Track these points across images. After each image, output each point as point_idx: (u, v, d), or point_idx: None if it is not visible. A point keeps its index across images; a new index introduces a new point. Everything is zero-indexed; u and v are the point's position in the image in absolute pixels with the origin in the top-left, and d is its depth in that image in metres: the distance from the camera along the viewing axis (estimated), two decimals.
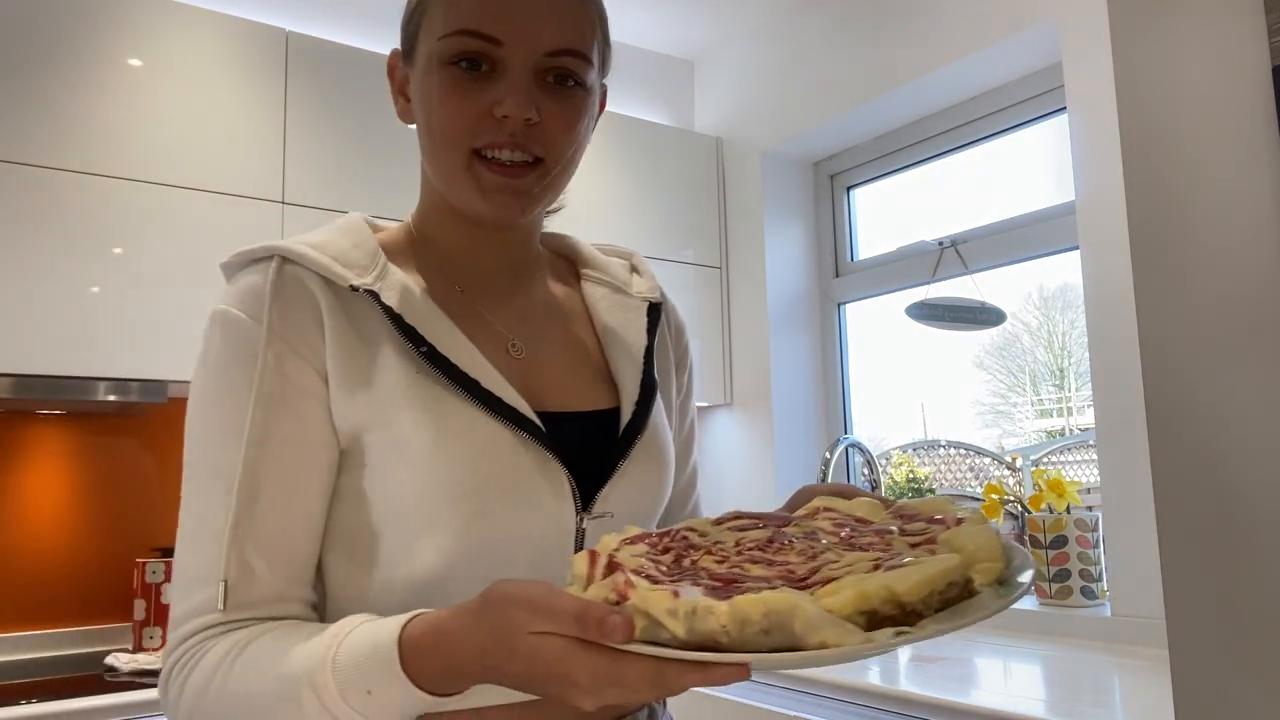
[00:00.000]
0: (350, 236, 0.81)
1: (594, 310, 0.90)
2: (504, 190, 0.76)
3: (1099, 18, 1.97)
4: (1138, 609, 1.86)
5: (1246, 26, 0.86)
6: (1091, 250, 1.96)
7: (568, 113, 0.77)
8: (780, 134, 2.79)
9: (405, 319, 0.75)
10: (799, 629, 0.47)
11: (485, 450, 0.73)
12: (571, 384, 0.84)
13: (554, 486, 0.76)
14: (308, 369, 0.73)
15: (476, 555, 0.73)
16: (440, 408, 0.73)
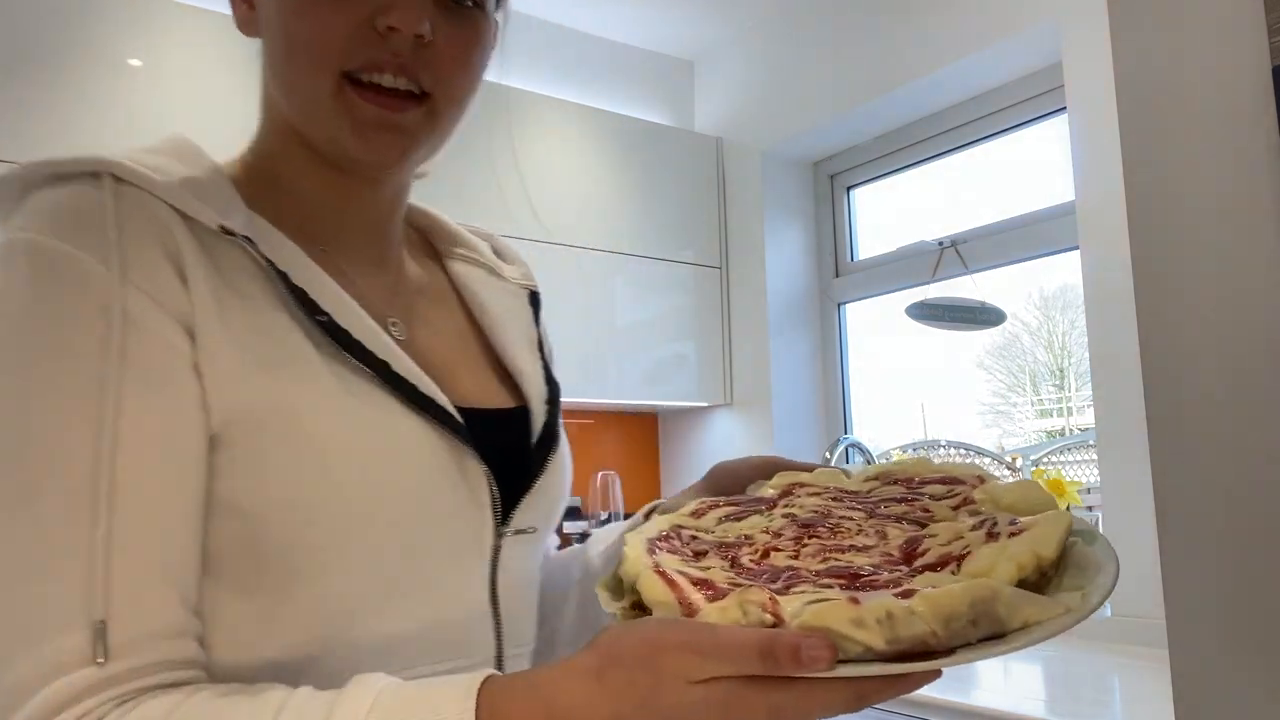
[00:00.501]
0: (191, 164, 0.63)
1: (469, 294, 0.76)
2: (383, 126, 0.61)
3: (1099, 18, 1.97)
4: (1138, 609, 1.86)
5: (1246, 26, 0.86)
6: (1091, 250, 1.96)
7: (466, 37, 0.64)
8: (780, 134, 2.79)
9: (291, 277, 0.59)
10: (1002, 610, 0.44)
11: (405, 450, 0.59)
12: (468, 377, 0.70)
13: (475, 495, 0.63)
14: (170, 322, 0.54)
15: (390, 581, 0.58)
16: (351, 396, 0.58)
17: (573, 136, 2.65)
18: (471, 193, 2.46)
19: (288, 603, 0.56)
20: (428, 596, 0.60)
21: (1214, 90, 0.88)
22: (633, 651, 0.44)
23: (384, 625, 0.58)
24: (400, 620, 0.59)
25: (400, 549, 0.59)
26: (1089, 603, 0.45)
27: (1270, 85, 0.84)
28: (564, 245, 2.55)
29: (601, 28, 2.91)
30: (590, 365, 2.59)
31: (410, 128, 0.63)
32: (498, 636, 0.64)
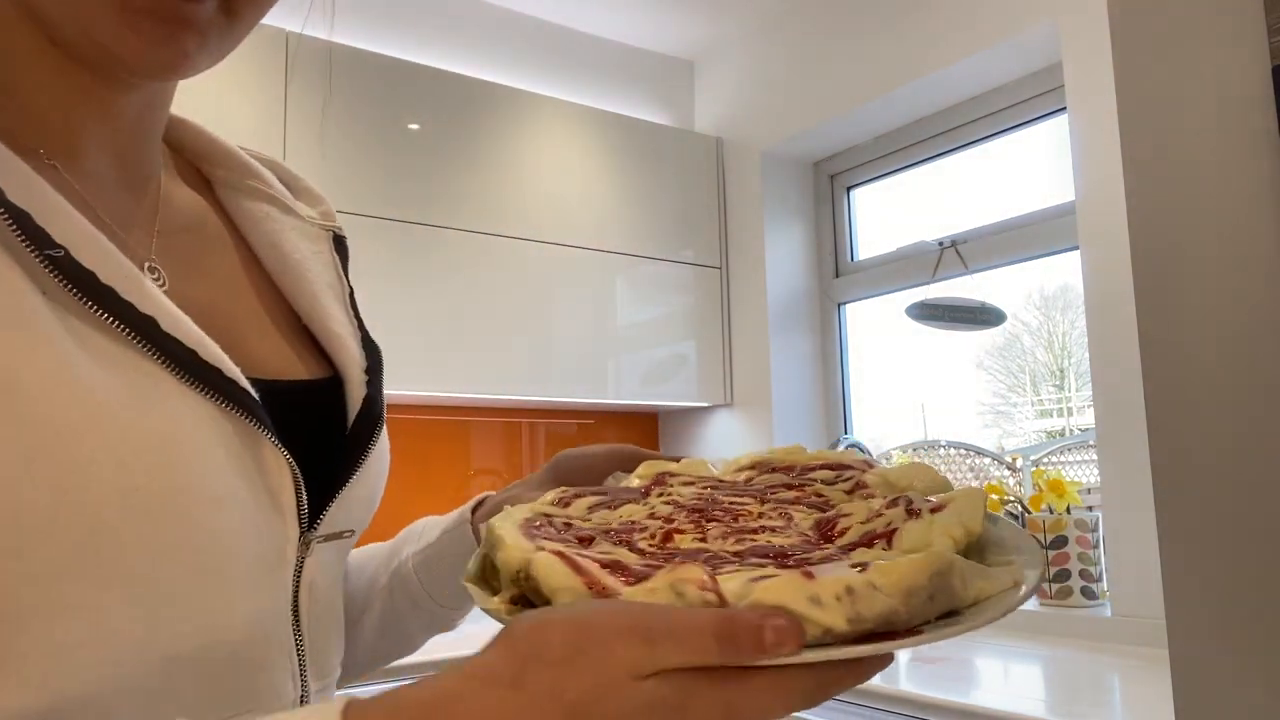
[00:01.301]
0: None
1: (255, 233, 0.60)
2: (165, 18, 0.45)
3: (1099, 18, 1.97)
4: (1138, 609, 1.86)
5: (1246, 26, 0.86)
6: (1091, 250, 1.96)
7: None
8: (780, 134, 2.79)
9: (7, 195, 0.41)
10: (957, 584, 0.40)
11: (175, 430, 0.44)
12: (258, 340, 0.55)
13: (274, 493, 0.49)
14: None
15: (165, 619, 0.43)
16: (97, 359, 0.42)
17: (573, 136, 2.65)
18: (473, 192, 2.47)
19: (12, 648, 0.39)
20: (224, 637, 0.46)
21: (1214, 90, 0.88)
22: (562, 643, 0.33)
23: (149, 672, 0.43)
24: (171, 664, 0.44)
25: (169, 568, 0.43)
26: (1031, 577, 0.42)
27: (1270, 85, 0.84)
28: (564, 245, 2.55)
29: (601, 28, 2.91)
30: (590, 365, 2.59)
31: (200, 22, 0.47)
32: (300, 671, 0.51)
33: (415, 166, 2.40)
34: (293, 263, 0.59)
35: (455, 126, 2.47)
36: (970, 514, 0.45)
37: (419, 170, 2.40)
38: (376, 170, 2.34)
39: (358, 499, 0.56)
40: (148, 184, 0.55)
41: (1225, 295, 0.87)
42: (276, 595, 0.49)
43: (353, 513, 0.55)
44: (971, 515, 0.45)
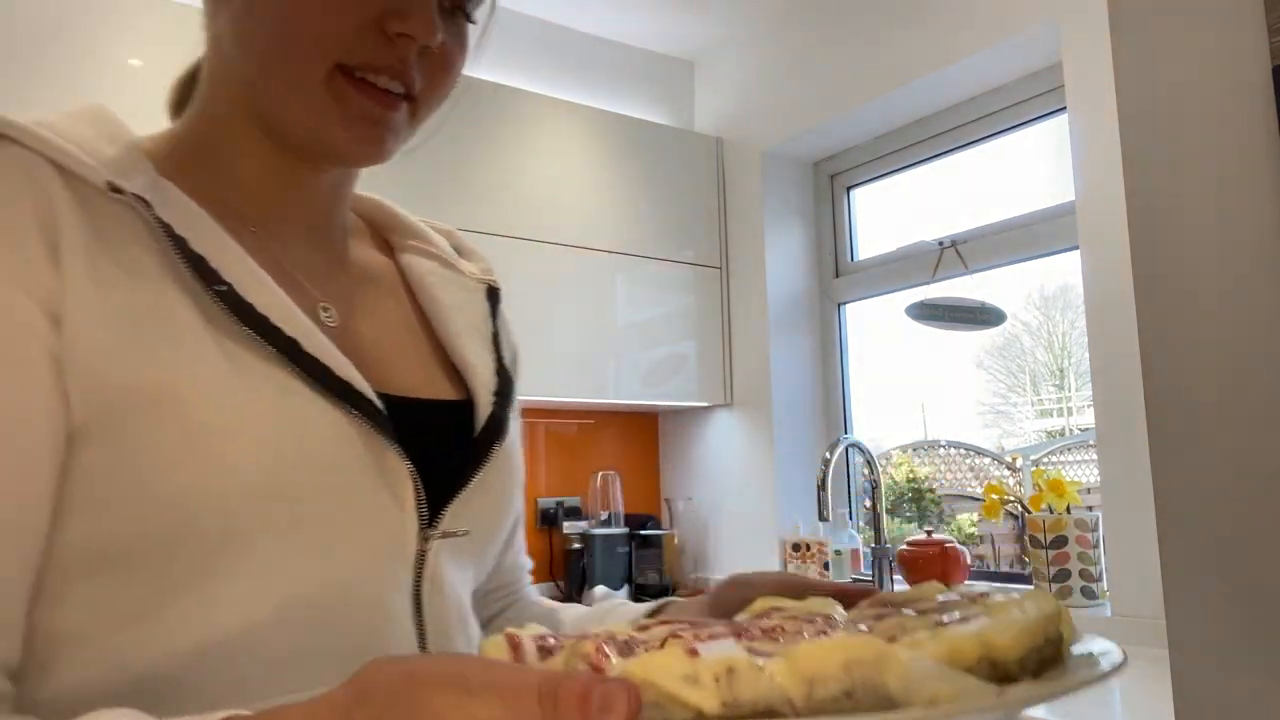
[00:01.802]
0: (96, 125, 0.56)
1: (420, 285, 0.71)
2: (371, 122, 0.58)
3: (1099, 18, 1.97)
4: (1138, 609, 1.86)
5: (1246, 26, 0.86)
6: (1091, 250, 1.96)
7: (458, 50, 0.63)
8: (780, 134, 2.79)
9: (191, 244, 0.53)
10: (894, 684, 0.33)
11: (308, 434, 0.52)
12: (405, 366, 0.65)
13: (395, 490, 0.56)
14: (27, 302, 0.48)
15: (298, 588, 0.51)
16: (247, 376, 0.51)
17: (573, 136, 2.65)
18: (472, 192, 2.46)
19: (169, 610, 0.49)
20: (336, 606, 0.53)
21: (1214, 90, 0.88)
22: (388, 685, 0.35)
23: (284, 636, 0.51)
24: (304, 632, 0.52)
25: (304, 551, 0.52)
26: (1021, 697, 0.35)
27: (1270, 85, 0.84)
28: (564, 245, 2.55)
29: (601, 28, 2.91)
30: (590, 365, 2.59)
31: (397, 127, 0.61)
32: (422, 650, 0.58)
33: (414, 166, 2.40)
34: (444, 308, 0.70)
35: (455, 127, 2.46)
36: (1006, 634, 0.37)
37: (418, 170, 2.40)
38: (376, 170, 2.33)
39: (477, 503, 0.62)
40: (333, 244, 0.68)
41: (1225, 295, 0.87)
42: (396, 582, 0.57)
43: (472, 516, 0.62)
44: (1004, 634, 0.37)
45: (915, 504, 2.83)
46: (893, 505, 2.84)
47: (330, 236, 0.68)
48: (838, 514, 2.63)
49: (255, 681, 0.51)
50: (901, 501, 2.85)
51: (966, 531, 2.66)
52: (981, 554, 2.57)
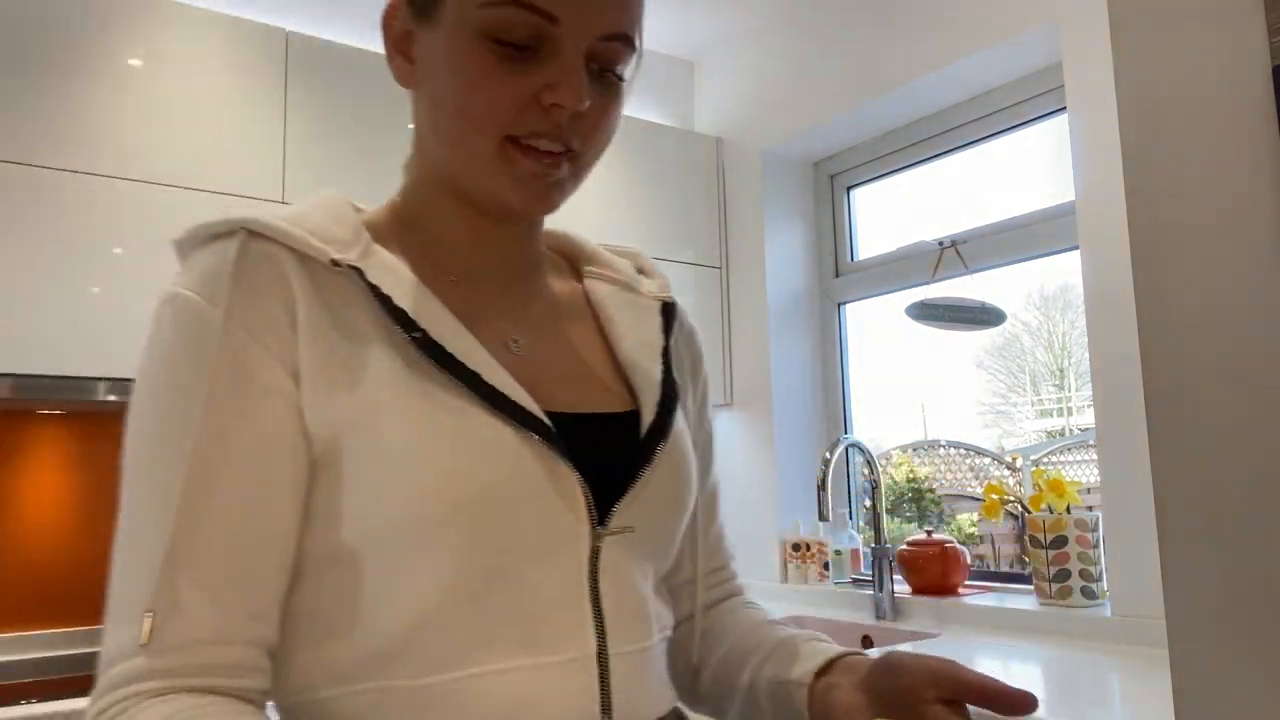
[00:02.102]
0: (328, 211, 0.71)
1: (600, 308, 0.82)
2: (538, 180, 0.69)
3: (1099, 18, 1.97)
4: (1138, 609, 1.86)
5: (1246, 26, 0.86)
6: (1091, 250, 1.96)
7: (610, 106, 0.70)
8: (780, 134, 2.79)
9: (394, 300, 0.65)
10: None
11: (485, 453, 0.63)
12: (581, 384, 0.75)
13: (566, 496, 0.66)
14: (273, 363, 0.62)
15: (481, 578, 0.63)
16: (433, 405, 0.63)
17: None
18: None
19: (380, 596, 0.63)
20: (518, 593, 0.64)
21: (1214, 90, 0.88)
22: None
23: (476, 619, 0.63)
24: (492, 615, 0.63)
25: (485, 548, 0.63)
26: None
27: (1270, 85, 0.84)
28: None
29: None
30: None
31: (560, 181, 0.70)
32: (600, 634, 0.67)
33: None
34: (619, 327, 0.80)
35: None
36: None
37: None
38: (377, 170, 2.34)
39: (644, 502, 0.70)
40: (524, 281, 0.78)
41: (1225, 295, 0.87)
42: (570, 574, 0.66)
43: (639, 514, 0.70)
44: None
45: (915, 504, 2.83)
46: (893, 505, 2.84)
47: (522, 275, 0.79)
48: (838, 514, 2.63)
49: (451, 656, 0.62)
50: (901, 501, 2.85)
51: (966, 531, 2.66)
52: (981, 554, 2.57)
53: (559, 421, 0.68)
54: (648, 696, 0.69)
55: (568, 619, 0.66)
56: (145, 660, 0.57)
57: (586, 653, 0.66)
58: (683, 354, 0.88)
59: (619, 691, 0.66)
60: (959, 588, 2.36)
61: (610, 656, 0.67)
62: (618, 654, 0.67)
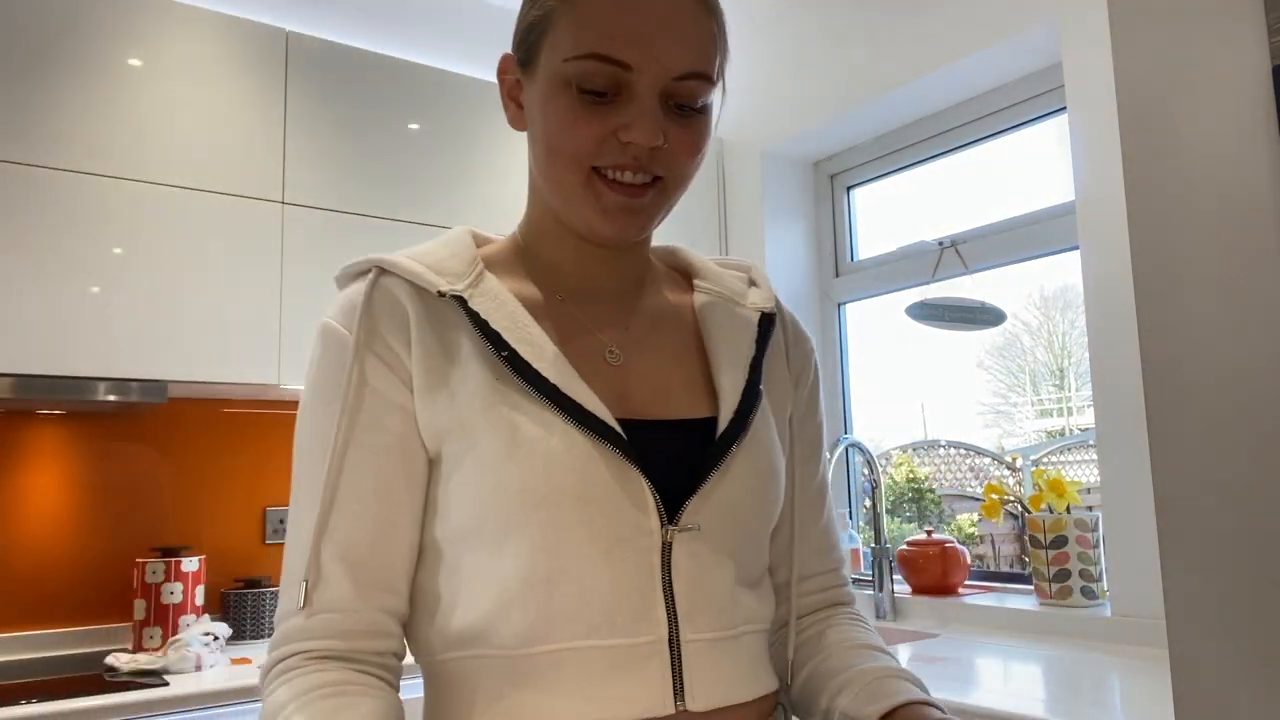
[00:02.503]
0: (450, 247, 0.82)
1: (701, 320, 0.88)
2: (623, 210, 0.76)
3: (1099, 18, 1.97)
4: (1138, 609, 1.86)
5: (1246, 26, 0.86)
6: (1091, 250, 1.96)
7: (692, 137, 0.77)
8: (780, 134, 2.79)
9: (490, 324, 0.75)
10: None
11: (560, 458, 0.71)
12: (669, 392, 0.81)
13: (634, 496, 0.73)
14: (393, 378, 0.74)
15: (554, 568, 0.71)
16: (516, 414, 0.72)
17: None
18: (473, 192, 2.46)
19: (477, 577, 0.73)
20: (593, 581, 0.71)
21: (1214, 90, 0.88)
22: None
23: (552, 601, 0.71)
24: (566, 599, 0.71)
25: (559, 540, 0.71)
26: None
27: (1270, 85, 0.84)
28: None
29: None
30: None
31: (645, 208, 0.77)
32: (672, 620, 0.73)
33: (415, 166, 2.40)
34: (715, 338, 0.85)
35: (455, 126, 2.47)
36: None
37: (419, 170, 2.40)
38: (377, 170, 2.34)
39: (714, 503, 0.76)
40: (627, 297, 0.86)
41: (1225, 295, 0.87)
42: (639, 564, 0.73)
43: (707, 513, 0.75)
44: None
45: (915, 504, 2.83)
46: (893, 505, 2.84)
47: (624, 291, 0.86)
48: (838, 514, 2.63)
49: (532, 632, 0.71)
50: (901, 501, 2.85)
51: (966, 531, 2.66)
52: (981, 554, 2.57)
53: (638, 427, 0.76)
54: (729, 683, 0.74)
55: (637, 606, 0.72)
56: (301, 620, 0.71)
57: (657, 637, 0.72)
58: (783, 363, 0.92)
59: (693, 675, 0.72)
60: (959, 588, 2.36)
61: (683, 643, 0.73)
62: (691, 641, 0.73)
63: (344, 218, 2.28)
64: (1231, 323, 0.87)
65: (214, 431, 2.43)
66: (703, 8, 0.76)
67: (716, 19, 0.78)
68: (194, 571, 2.16)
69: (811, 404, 0.95)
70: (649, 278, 0.89)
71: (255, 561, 2.45)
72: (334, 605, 0.71)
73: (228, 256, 2.13)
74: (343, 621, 0.71)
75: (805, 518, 0.90)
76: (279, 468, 2.51)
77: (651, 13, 0.73)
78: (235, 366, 2.12)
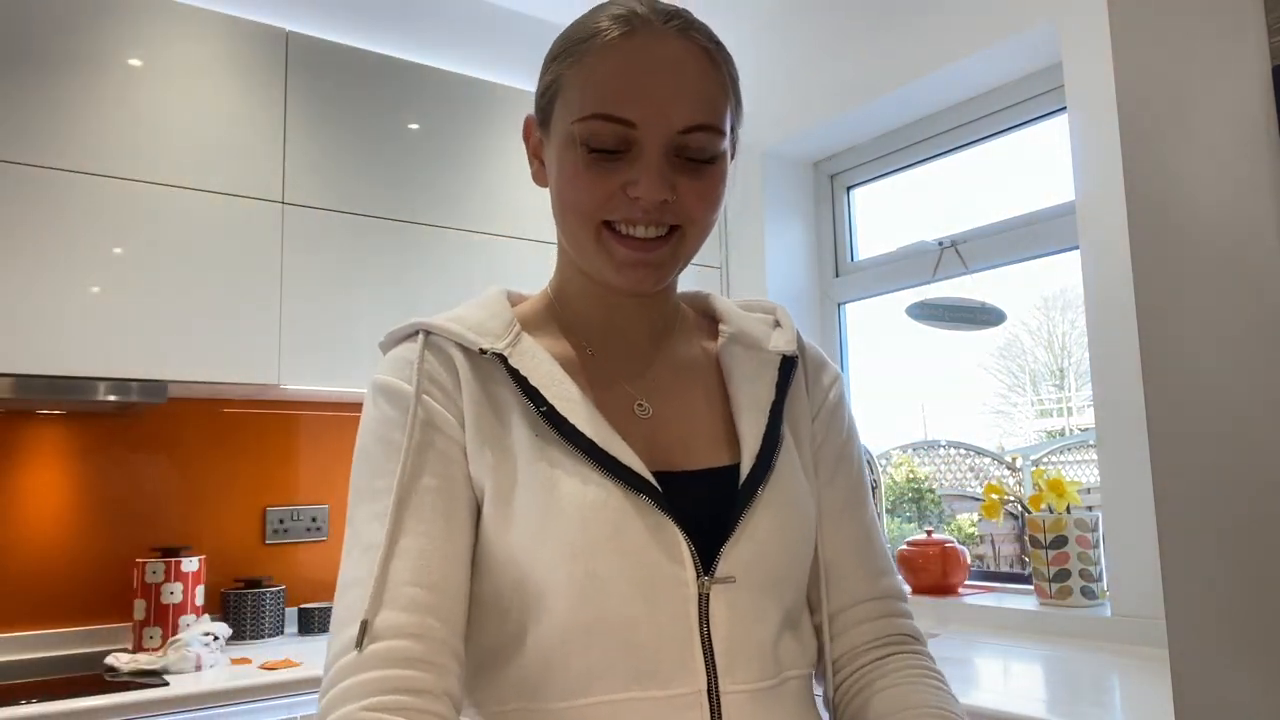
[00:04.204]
0: (487, 309, 0.84)
1: (724, 366, 0.88)
2: (636, 264, 0.77)
3: (1099, 18, 1.97)
4: (1138, 609, 1.86)
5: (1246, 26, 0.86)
6: (1091, 250, 1.96)
7: (703, 188, 0.77)
8: (780, 134, 2.79)
9: (530, 381, 0.78)
10: None
11: (595, 511, 0.72)
12: (695, 442, 0.82)
13: (669, 548, 0.73)
14: (454, 423, 0.77)
15: (594, 620, 0.72)
16: (554, 469, 0.74)
17: None
18: (473, 192, 2.46)
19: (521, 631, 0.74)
20: (629, 635, 0.72)
21: (1214, 90, 0.88)
22: None
23: (591, 654, 0.72)
24: (606, 652, 0.72)
25: (597, 592, 0.72)
26: None
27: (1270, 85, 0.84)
28: None
29: None
30: None
31: (661, 261, 0.78)
32: (710, 673, 0.73)
33: (415, 166, 2.40)
34: (736, 384, 0.85)
35: (455, 126, 2.47)
36: None
37: (419, 170, 2.40)
38: (377, 170, 2.34)
39: (746, 550, 0.76)
40: (653, 348, 0.87)
41: (1225, 295, 0.87)
42: (676, 615, 0.73)
43: (741, 563, 0.75)
44: None
45: (915, 504, 2.83)
46: (893, 505, 2.84)
47: (650, 341, 0.87)
48: None
49: (573, 686, 0.72)
50: (901, 501, 2.85)
51: (966, 531, 2.66)
52: (981, 554, 2.57)
53: (671, 479, 0.77)
54: None
55: (675, 657, 0.72)
56: (357, 655, 0.68)
57: (696, 689, 0.72)
58: (802, 402, 0.89)
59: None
60: (959, 588, 2.36)
61: (722, 694, 0.73)
62: (730, 692, 0.73)
63: (344, 218, 2.28)
64: (1231, 323, 0.87)
65: (214, 431, 2.43)
66: (708, 60, 0.77)
67: (725, 70, 0.79)
68: (194, 571, 2.16)
69: (831, 428, 0.90)
70: (678, 325, 0.90)
71: (255, 561, 2.45)
72: (392, 632, 0.69)
73: (227, 256, 2.13)
74: (403, 651, 0.69)
75: (836, 543, 0.86)
76: (279, 468, 2.51)
77: (655, 70, 0.74)
78: (235, 366, 2.12)
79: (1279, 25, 0.85)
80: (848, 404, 0.93)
